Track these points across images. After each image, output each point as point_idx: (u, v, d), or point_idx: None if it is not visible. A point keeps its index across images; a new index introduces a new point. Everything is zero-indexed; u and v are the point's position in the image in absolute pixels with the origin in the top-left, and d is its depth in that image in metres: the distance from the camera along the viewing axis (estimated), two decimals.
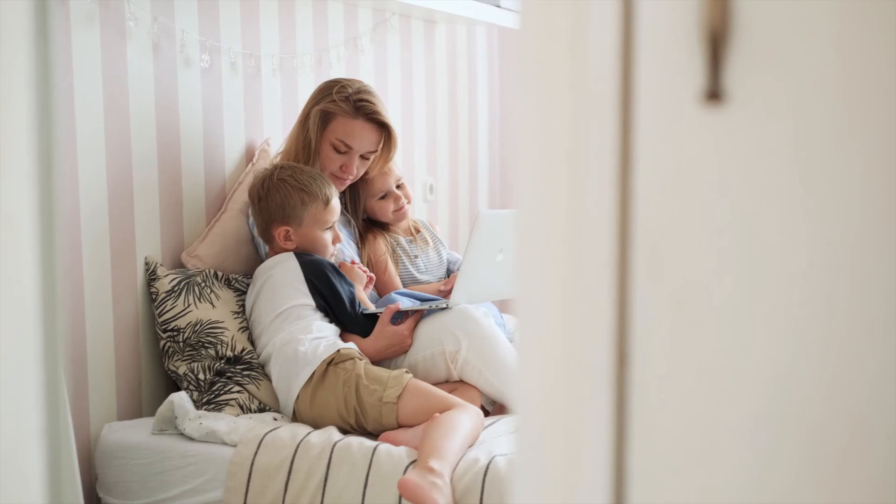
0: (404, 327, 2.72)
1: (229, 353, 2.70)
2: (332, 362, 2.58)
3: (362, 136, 2.90)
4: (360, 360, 2.60)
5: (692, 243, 0.82)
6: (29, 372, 0.98)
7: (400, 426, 2.49)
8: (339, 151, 2.90)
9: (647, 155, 0.83)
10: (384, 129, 2.94)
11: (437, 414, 2.41)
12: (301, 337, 2.63)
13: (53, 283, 1.01)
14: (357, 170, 2.95)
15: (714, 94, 0.80)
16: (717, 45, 0.80)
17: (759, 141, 0.80)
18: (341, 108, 2.86)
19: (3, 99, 0.99)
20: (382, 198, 3.12)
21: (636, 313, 0.84)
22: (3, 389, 0.99)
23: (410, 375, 2.56)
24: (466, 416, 2.43)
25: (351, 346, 2.65)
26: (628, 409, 0.84)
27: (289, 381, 2.61)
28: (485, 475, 2.25)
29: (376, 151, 2.96)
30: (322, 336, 2.65)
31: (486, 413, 2.67)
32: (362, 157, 2.94)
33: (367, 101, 2.89)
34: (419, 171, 3.96)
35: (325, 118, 2.88)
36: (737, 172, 0.81)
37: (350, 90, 2.88)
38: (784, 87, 0.79)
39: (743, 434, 0.82)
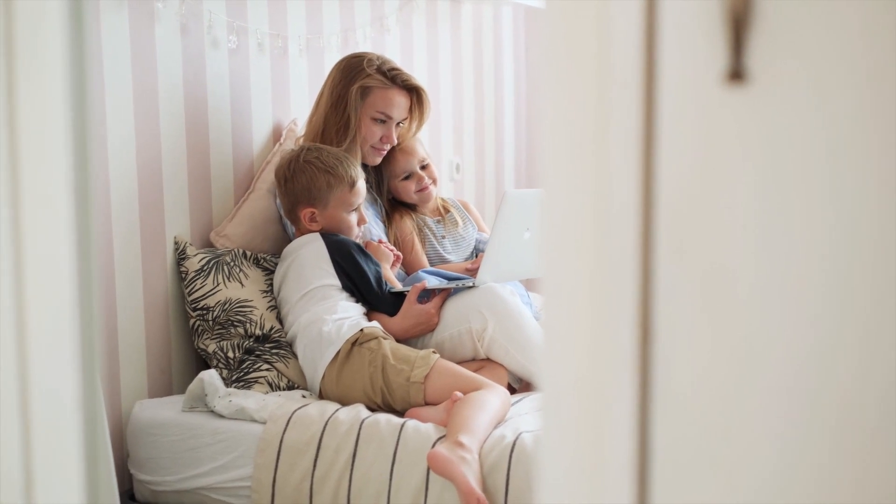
0: (431, 305, 2.73)
1: (258, 332, 2.73)
2: (357, 342, 2.60)
3: (399, 104, 2.98)
4: (385, 339, 2.62)
5: (716, 223, 0.83)
6: (65, 347, 1.01)
7: (427, 404, 2.51)
8: (380, 122, 2.95)
9: (671, 136, 0.84)
10: (413, 94, 3.01)
11: (458, 393, 2.42)
12: (325, 317, 2.65)
13: (90, 262, 1.04)
14: (394, 138, 3.01)
15: (737, 74, 0.81)
16: (739, 25, 0.81)
17: (783, 121, 0.81)
18: (378, 80, 2.93)
19: (40, 85, 1.01)
20: (406, 178, 3.13)
21: (660, 293, 0.85)
22: (42, 364, 1.02)
23: (438, 356, 2.58)
24: (494, 395, 2.44)
25: (375, 325, 2.67)
26: (652, 387, 0.86)
27: (314, 360, 2.63)
28: (511, 451, 2.27)
29: (407, 117, 3.03)
30: (346, 316, 2.67)
31: (513, 391, 2.69)
32: (397, 124, 2.99)
33: (397, 69, 2.98)
34: (445, 151, 3.97)
35: (364, 94, 2.92)
36: (760, 152, 0.82)
37: (378, 62, 2.95)
38: (806, 66, 0.80)
39: (766, 412, 0.83)
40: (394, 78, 2.95)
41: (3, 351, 1.00)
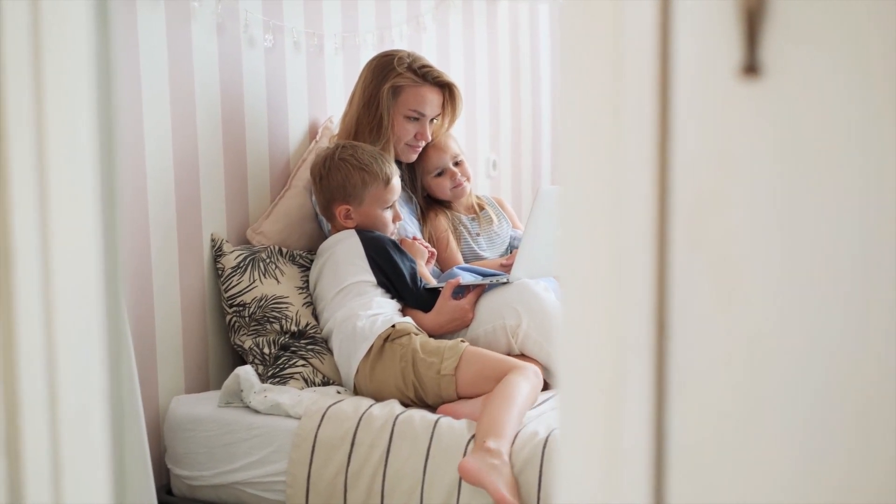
0: (465, 301, 2.74)
1: (294, 328, 2.75)
2: (389, 338, 2.61)
3: (432, 101, 2.99)
4: (417, 334, 2.64)
5: (731, 216, 0.83)
6: (93, 341, 1.03)
7: (460, 396, 2.51)
8: (413, 120, 2.96)
9: (686, 129, 0.84)
10: (445, 90, 3.02)
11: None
12: (360, 313, 2.67)
13: (115, 258, 1.05)
14: (429, 135, 3.02)
15: (751, 67, 0.82)
16: (753, 19, 0.81)
17: (797, 114, 0.81)
18: (409, 78, 2.93)
19: (67, 84, 1.02)
20: (439, 175, 3.14)
21: (675, 285, 0.85)
22: (69, 358, 1.03)
23: (466, 344, 2.58)
24: (523, 379, 2.45)
25: (407, 321, 2.68)
26: (668, 380, 0.86)
27: (348, 356, 2.65)
28: (544, 448, 2.27)
29: (440, 113, 3.04)
30: (381, 312, 2.68)
31: (547, 386, 2.69)
32: (430, 120, 3.01)
33: (428, 66, 2.99)
34: (482, 148, 3.97)
35: (395, 93, 2.93)
36: (775, 146, 0.82)
37: (408, 60, 2.96)
38: (821, 60, 0.80)
39: (782, 405, 0.83)
40: (425, 75, 2.96)
41: (31, 344, 1.02)
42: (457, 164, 3.15)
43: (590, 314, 0.89)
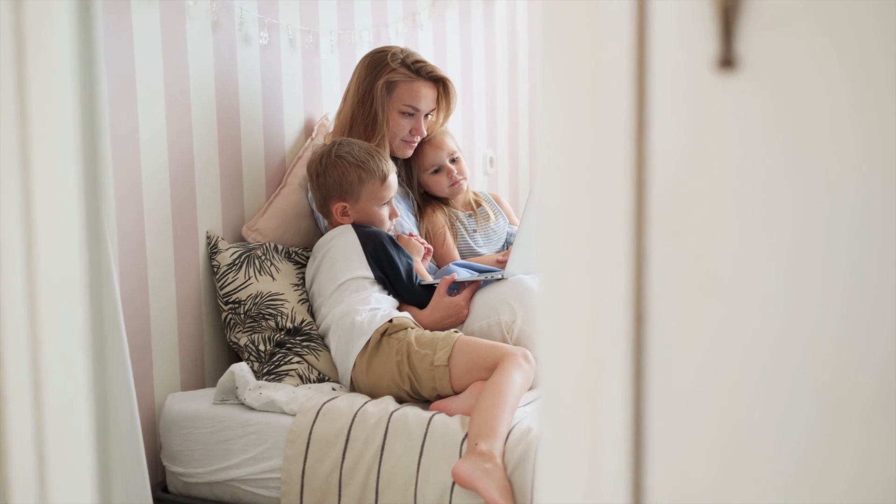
0: (461, 298, 2.75)
1: (289, 325, 2.75)
2: (386, 332, 2.61)
3: (426, 96, 3.00)
4: (413, 328, 2.64)
5: (707, 207, 0.84)
6: (77, 335, 1.03)
7: (454, 388, 2.52)
8: (408, 115, 2.96)
9: (663, 121, 0.84)
10: (439, 84, 3.02)
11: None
12: (359, 308, 2.67)
13: (100, 254, 1.06)
14: (424, 130, 3.02)
15: (728, 61, 0.82)
16: (729, 12, 0.81)
17: (773, 106, 0.82)
18: (403, 74, 2.94)
19: (50, 80, 1.03)
20: (435, 172, 3.15)
21: (653, 276, 0.86)
22: (53, 354, 1.04)
23: (460, 334, 2.59)
24: (515, 368, 2.45)
25: (405, 316, 2.68)
26: (646, 368, 0.86)
27: (346, 350, 2.65)
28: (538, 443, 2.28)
29: (435, 108, 3.04)
30: (379, 307, 2.69)
31: None
32: (425, 116, 3.01)
33: (421, 61, 2.99)
34: (479, 145, 3.98)
35: (389, 88, 2.93)
36: (750, 138, 0.82)
37: (402, 56, 2.96)
38: (797, 52, 0.80)
39: (758, 392, 0.83)
40: (418, 70, 2.96)
41: (15, 340, 1.02)
42: (453, 161, 3.16)
43: (569, 306, 0.89)
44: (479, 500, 2.25)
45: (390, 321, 2.64)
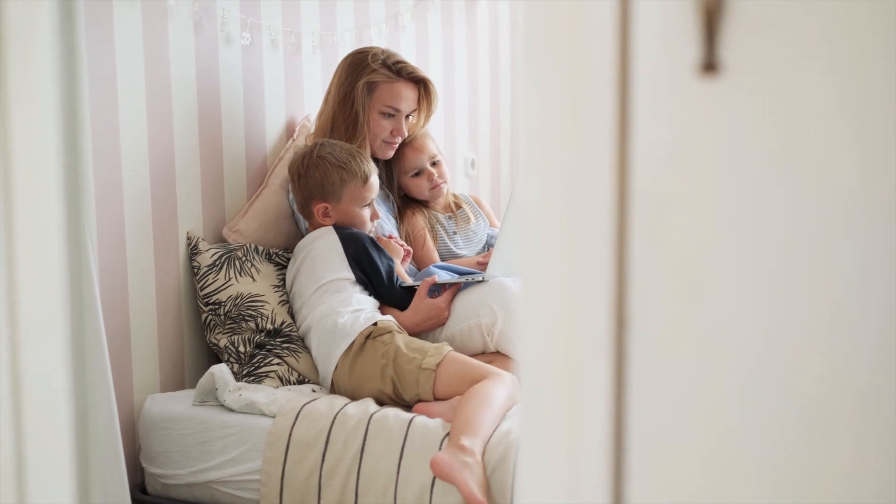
0: (441, 300, 2.75)
1: (269, 326, 2.74)
2: (371, 335, 2.61)
3: (407, 97, 2.99)
4: (399, 332, 2.64)
5: (689, 210, 0.84)
6: (56, 335, 1.02)
7: (436, 395, 2.52)
8: (388, 116, 2.96)
9: (645, 125, 0.84)
10: (420, 85, 3.02)
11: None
12: (341, 309, 2.67)
13: (80, 253, 1.05)
14: (405, 131, 3.01)
15: (710, 65, 0.82)
16: (712, 16, 0.81)
17: (756, 110, 0.82)
18: (384, 75, 2.93)
19: (30, 80, 1.02)
20: (416, 175, 3.15)
21: (634, 281, 0.86)
22: (33, 353, 1.03)
23: (451, 348, 2.59)
24: (501, 385, 2.45)
25: (389, 319, 2.68)
26: (628, 374, 0.86)
27: (328, 352, 2.65)
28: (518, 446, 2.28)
29: (416, 109, 3.04)
30: (361, 308, 2.69)
31: None
32: (406, 116, 3.01)
33: (402, 62, 2.99)
34: (460, 146, 3.98)
35: (370, 89, 2.93)
36: (733, 142, 0.82)
37: (383, 56, 2.96)
38: (779, 56, 0.81)
39: (739, 399, 0.83)
40: (399, 71, 2.96)
41: None
42: (434, 164, 3.16)
43: (549, 309, 0.89)
44: (458, 498, 2.25)
45: (375, 324, 2.63)
